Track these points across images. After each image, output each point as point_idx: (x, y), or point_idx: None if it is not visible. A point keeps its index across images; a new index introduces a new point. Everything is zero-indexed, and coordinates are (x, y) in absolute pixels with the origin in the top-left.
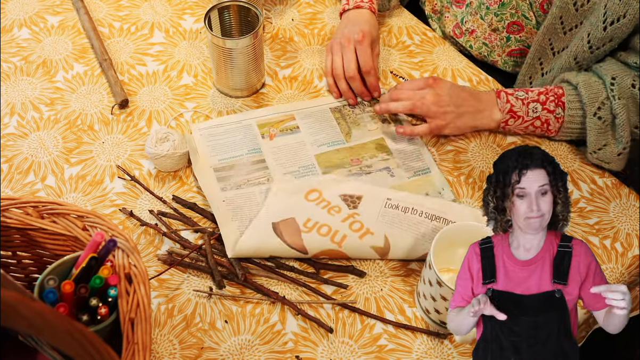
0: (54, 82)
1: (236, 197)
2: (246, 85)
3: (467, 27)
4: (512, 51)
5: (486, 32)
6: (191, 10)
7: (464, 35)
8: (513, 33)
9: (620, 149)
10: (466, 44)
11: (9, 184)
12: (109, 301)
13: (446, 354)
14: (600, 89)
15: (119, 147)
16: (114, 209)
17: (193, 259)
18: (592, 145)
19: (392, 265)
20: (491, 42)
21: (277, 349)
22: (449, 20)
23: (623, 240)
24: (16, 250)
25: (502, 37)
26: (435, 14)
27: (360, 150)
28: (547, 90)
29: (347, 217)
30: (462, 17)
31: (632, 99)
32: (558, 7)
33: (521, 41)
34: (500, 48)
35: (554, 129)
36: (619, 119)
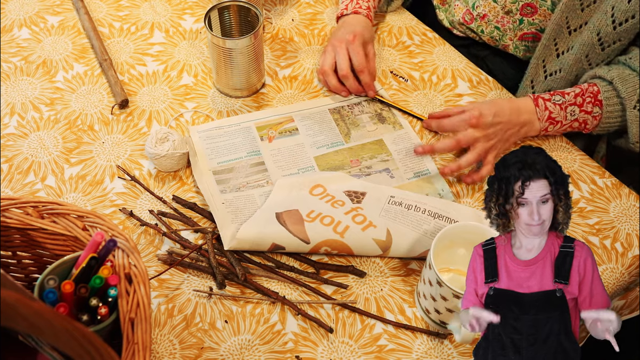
0: (54, 82)
1: (235, 200)
2: (246, 85)
3: (479, 12)
4: (525, 35)
5: (499, 15)
6: (191, 10)
7: (475, 20)
8: (526, 15)
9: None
10: (477, 29)
11: (9, 184)
12: (109, 301)
13: (446, 354)
14: (637, 82)
15: (119, 147)
16: (114, 209)
17: (193, 259)
18: (634, 136)
19: (392, 265)
20: (503, 25)
21: (277, 349)
22: (458, 8)
23: (623, 240)
24: (16, 250)
25: (515, 20)
26: (443, 5)
27: (359, 151)
28: (583, 91)
29: (350, 210)
30: (473, 3)
31: None
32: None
33: (534, 24)
34: (512, 32)
35: (591, 126)
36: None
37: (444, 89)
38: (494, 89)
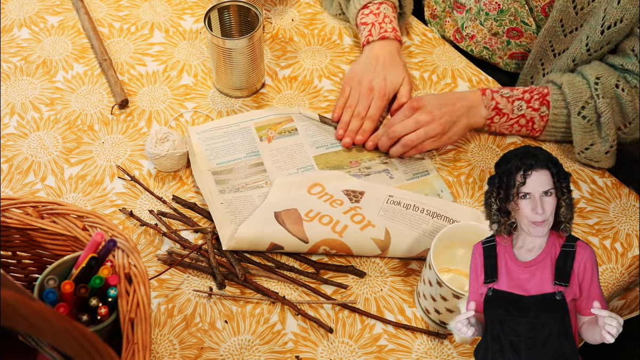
0: (54, 82)
1: (234, 200)
2: (246, 85)
3: (468, 33)
4: (514, 54)
5: (486, 37)
6: (191, 10)
7: (464, 40)
8: (513, 38)
9: (607, 147)
10: (467, 48)
11: (9, 184)
12: (109, 301)
13: (446, 354)
14: (584, 89)
15: (119, 147)
16: (114, 209)
17: (193, 259)
18: (578, 144)
19: (392, 265)
20: (492, 46)
21: (277, 349)
22: (450, 25)
23: (623, 240)
24: (16, 250)
25: (503, 41)
26: (434, 19)
27: (358, 153)
28: (532, 89)
29: (349, 209)
30: (462, 23)
31: (615, 98)
32: (559, 10)
33: (522, 45)
34: (501, 51)
35: (538, 127)
36: (604, 118)
37: (444, 88)
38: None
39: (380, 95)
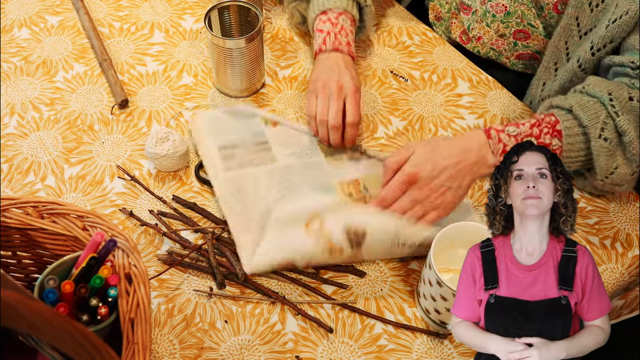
0: (54, 82)
1: (238, 177)
2: (246, 85)
3: (474, 34)
4: (521, 54)
5: (493, 39)
6: (191, 10)
7: (471, 41)
8: (520, 40)
9: (634, 168)
10: (473, 49)
11: (9, 184)
12: (109, 301)
13: (446, 354)
14: (598, 108)
15: (119, 147)
16: (114, 209)
17: (193, 259)
18: (602, 171)
19: (392, 265)
20: (498, 47)
21: (277, 349)
22: (456, 27)
23: (623, 240)
24: (16, 250)
25: (510, 42)
26: (438, 21)
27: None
28: (539, 122)
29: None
30: (468, 24)
31: (632, 113)
32: (574, 7)
33: (529, 47)
34: (508, 52)
35: None
36: (628, 136)
37: (444, 88)
38: (493, 89)
39: (352, 92)
